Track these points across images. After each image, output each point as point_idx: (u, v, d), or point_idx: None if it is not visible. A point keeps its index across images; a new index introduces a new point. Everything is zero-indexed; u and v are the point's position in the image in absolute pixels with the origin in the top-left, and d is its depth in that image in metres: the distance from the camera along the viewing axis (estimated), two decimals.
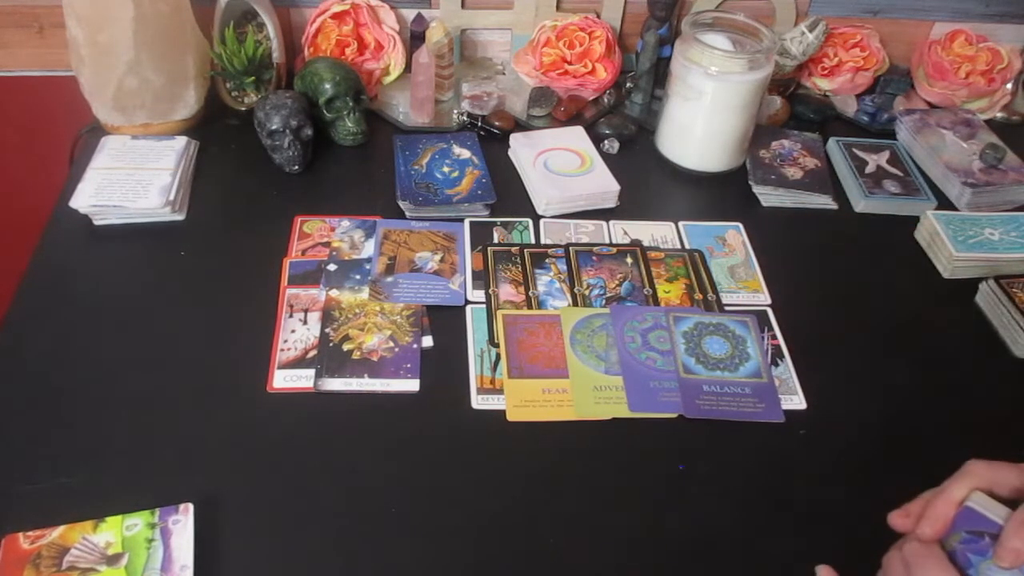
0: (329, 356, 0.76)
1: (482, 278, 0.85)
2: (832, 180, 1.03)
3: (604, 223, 0.94)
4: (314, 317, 0.80)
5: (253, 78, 1.05)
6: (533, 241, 0.92)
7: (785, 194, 1.00)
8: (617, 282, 0.86)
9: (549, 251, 0.89)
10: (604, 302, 0.84)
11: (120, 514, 0.60)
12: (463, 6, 1.15)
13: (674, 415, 0.74)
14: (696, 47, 0.96)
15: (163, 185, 0.90)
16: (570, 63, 1.12)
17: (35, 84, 1.14)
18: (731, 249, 0.93)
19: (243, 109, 1.05)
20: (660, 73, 1.12)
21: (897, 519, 0.51)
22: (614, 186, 0.97)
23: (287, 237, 0.89)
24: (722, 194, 1.02)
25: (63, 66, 1.03)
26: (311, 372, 0.75)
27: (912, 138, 1.10)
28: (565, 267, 0.87)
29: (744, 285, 0.88)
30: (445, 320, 0.81)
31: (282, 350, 0.77)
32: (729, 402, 0.75)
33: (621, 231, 0.94)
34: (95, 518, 0.60)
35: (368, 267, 0.86)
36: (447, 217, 0.93)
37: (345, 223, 0.91)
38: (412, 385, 0.75)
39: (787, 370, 0.79)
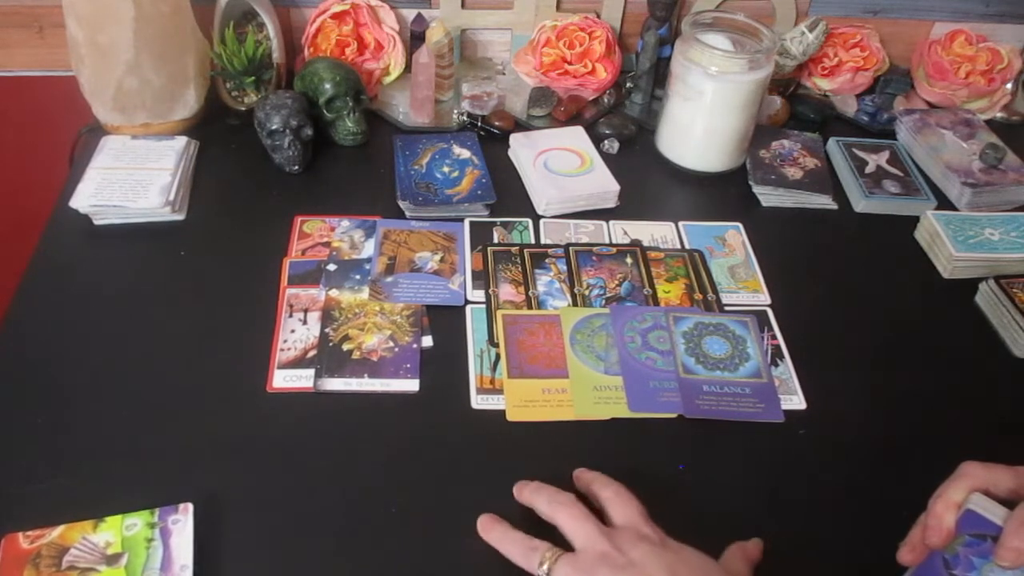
0: (329, 356, 0.76)
1: (482, 278, 0.85)
2: (832, 180, 1.03)
3: (604, 223, 0.94)
4: (314, 317, 0.80)
5: (253, 78, 1.05)
6: (533, 241, 0.92)
7: (785, 194, 1.00)
8: (617, 282, 0.86)
9: (549, 251, 0.89)
10: (604, 302, 0.84)
11: (120, 514, 0.60)
12: (463, 6, 1.15)
13: (674, 415, 0.74)
14: (696, 47, 0.96)
15: (163, 185, 0.90)
16: (570, 63, 1.12)
17: (35, 84, 1.14)
18: (731, 249, 0.92)
19: (243, 109, 1.05)
20: (660, 73, 1.12)
21: (906, 555, 0.52)
22: (614, 186, 0.96)
23: (287, 237, 0.89)
24: (722, 194, 1.02)
25: (63, 66, 1.03)
26: (311, 372, 0.75)
27: (912, 138, 1.10)
28: (565, 267, 0.87)
29: (744, 285, 0.88)
30: (445, 320, 0.81)
31: (282, 350, 0.77)
32: (729, 402, 0.75)
33: (621, 231, 0.94)
34: (95, 518, 0.60)
35: (368, 267, 0.86)
36: (447, 217, 0.93)
37: (345, 223, 0.91)
38: (412, 385, 0.75)
39: (787, 370, 0.79)
